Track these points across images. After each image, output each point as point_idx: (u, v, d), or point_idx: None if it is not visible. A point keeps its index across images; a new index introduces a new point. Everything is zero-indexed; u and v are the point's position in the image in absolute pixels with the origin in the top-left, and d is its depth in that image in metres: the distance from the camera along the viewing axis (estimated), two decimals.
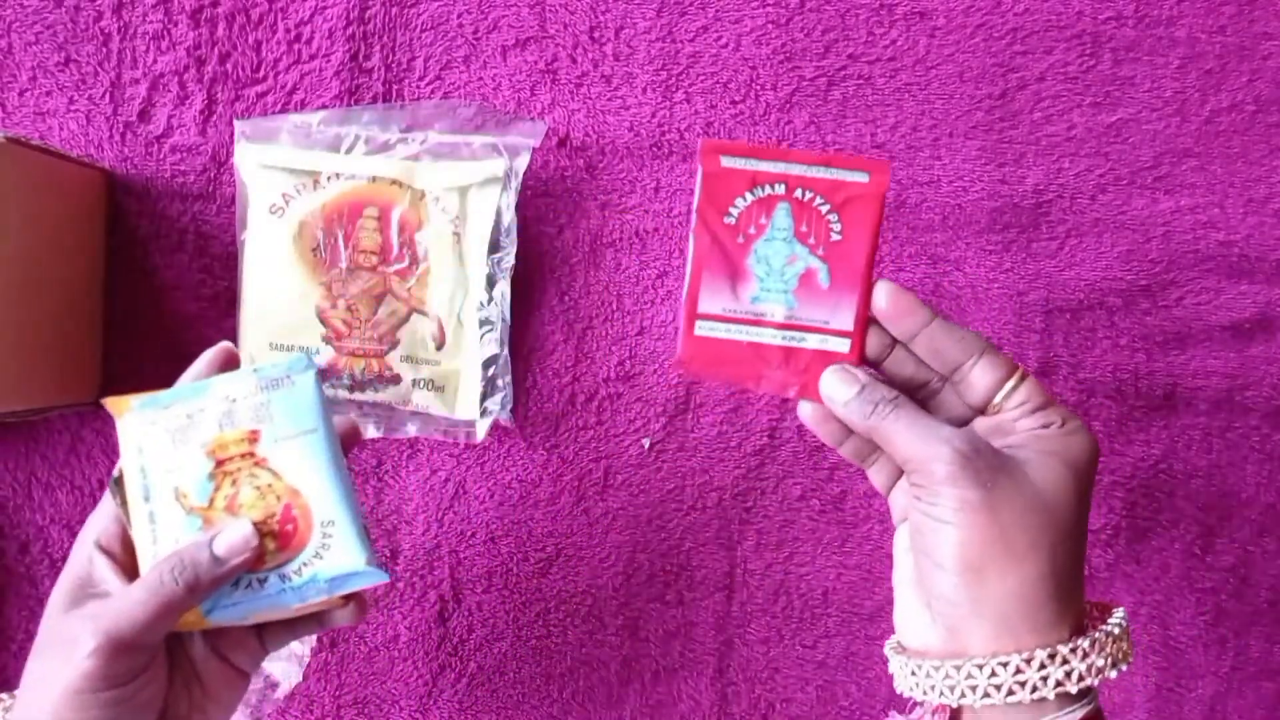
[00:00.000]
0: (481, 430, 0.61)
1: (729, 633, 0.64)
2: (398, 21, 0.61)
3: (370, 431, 0.61)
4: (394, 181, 0.59)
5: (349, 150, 0.60)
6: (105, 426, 0.62)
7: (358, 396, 0.60)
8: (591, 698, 0.64)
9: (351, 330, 0.60)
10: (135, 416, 0.43)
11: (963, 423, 0.44)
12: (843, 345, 0.47)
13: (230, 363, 0.46)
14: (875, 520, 0.64)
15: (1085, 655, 0.39)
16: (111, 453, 0.62)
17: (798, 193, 0.47)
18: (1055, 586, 0.39)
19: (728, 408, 0.63)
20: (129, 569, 0.43)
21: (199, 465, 0.43)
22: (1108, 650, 0.40)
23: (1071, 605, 0.40)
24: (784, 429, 0.63)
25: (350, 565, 0.43)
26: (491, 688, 0.64)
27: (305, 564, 0.43)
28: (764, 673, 0.64)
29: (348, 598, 0.45)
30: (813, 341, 0.47)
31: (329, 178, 0.59)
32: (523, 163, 0.60)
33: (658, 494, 0.63)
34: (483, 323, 0.60)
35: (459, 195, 0.60)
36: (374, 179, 0.59)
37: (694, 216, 0.47)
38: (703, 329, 0.47)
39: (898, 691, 0.43)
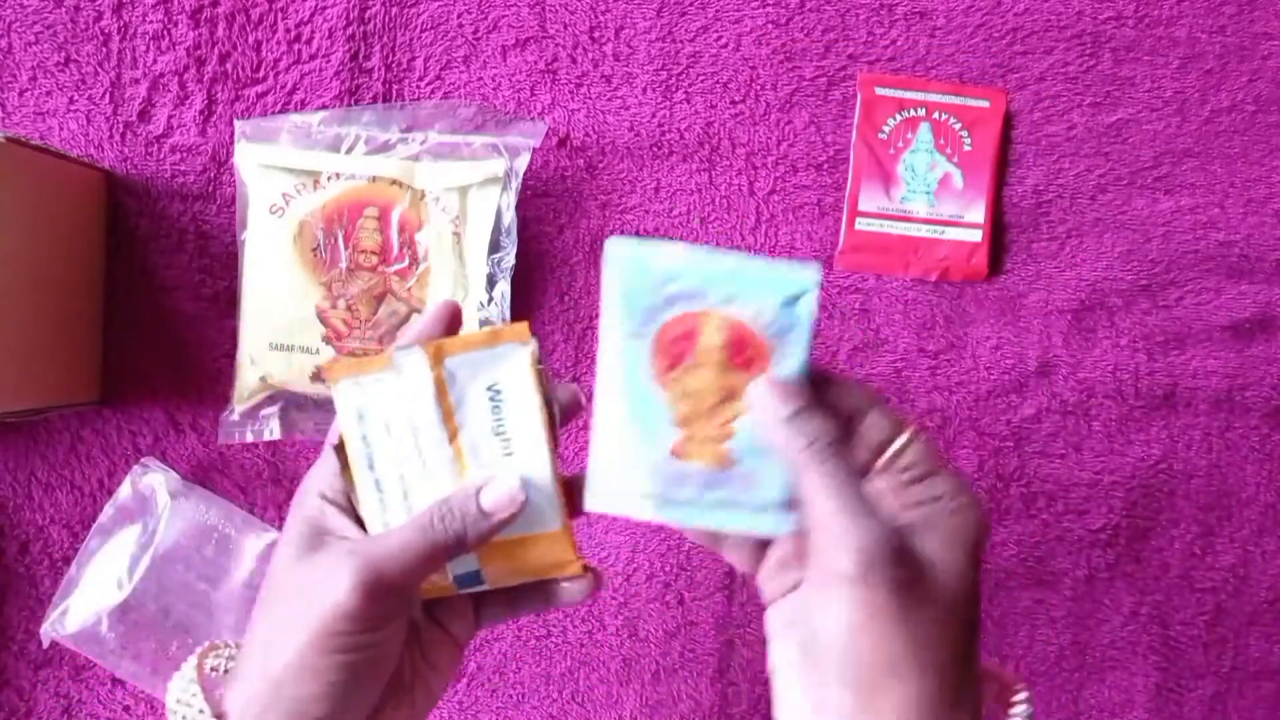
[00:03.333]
0: None
1: (729, 633, 0.64)
2: (398, 21, 0.61)
3: None
4: (394, 181, 0.59)
5: (349, 150, 0.60)
6: (105, 426, 0.62)
7: None
8: (591, 698, 0.64)
9: (351, 330, 0.60)
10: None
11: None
12: (975, 235, 0.61)
13: (455, 319, 0.42)
14: None
15: None
16: (111, 452, 0.62)
17: (936, 114, 0.61)
18: (958, 692, 0.34)
19: None
20: (361, 525, 0.39)
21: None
22: None
23: (969, 704, 0.35)
24: None
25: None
26: (491, 688, 0.64)
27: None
28: (764, 673, 0.64)
29: (585, 569, 0.42)
30: (951, 233, 0.61)
31: (329, 178, 0.59)
32: (523, 163, 0.60)
33: None
34: (483, 323, 0.60)
35: (459, 195, 0.60)
36: (374, 179, 0.59)
37: (854, 133, 0.61)
38: (861, 224, 0.61)
39: None
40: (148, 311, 0.62)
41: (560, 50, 0.62)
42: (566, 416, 0.43)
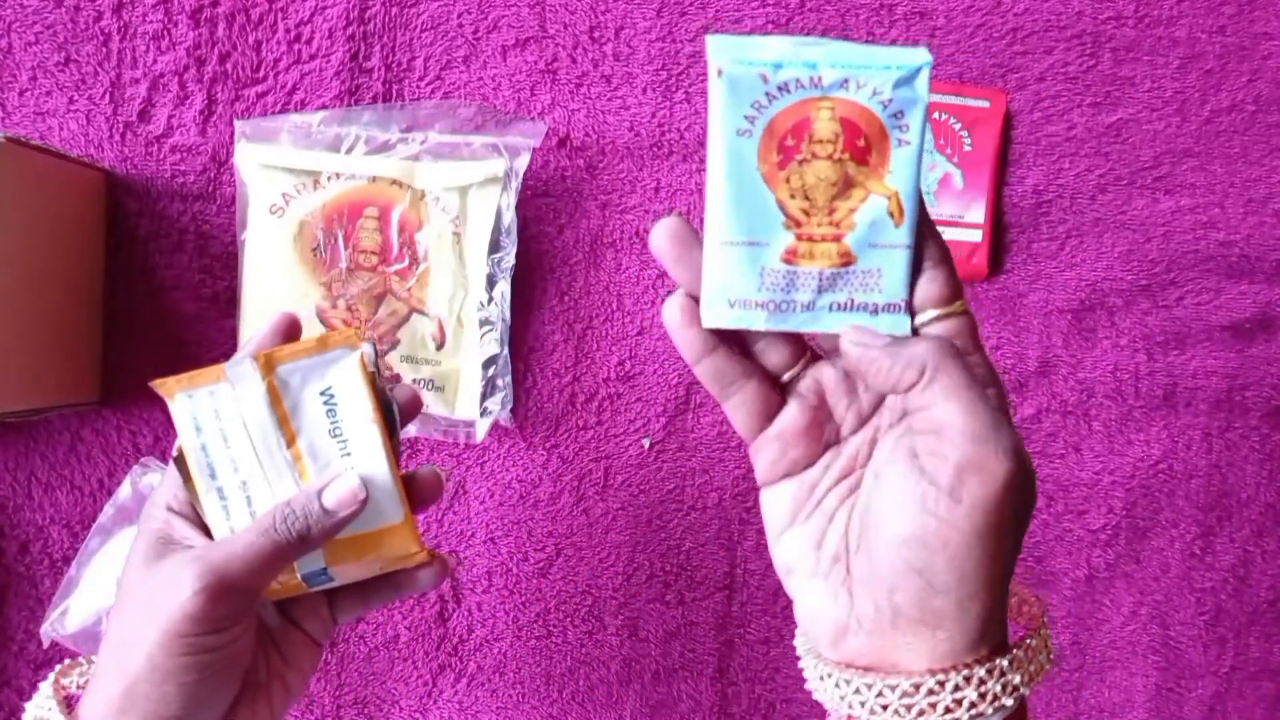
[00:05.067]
0: (481, 430, 0.61)
1: (729, 633, 0.64)
2: (398, 21, 0.61)
3: None
4: (394, 181, 0.59)
5: (349, 150, 0.60)
6: (105, 426, 0.62)
7: None
8: (591, 698, 0.64)
9: None
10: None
11: None
12: (975, 235, 0.60)
13: (293, 329, 0.45)
14: None
15: (1021, 665, 0.33)
16: (111, 452, 0.62)
17: (936, 114, 0.60)
18: (1005, 582, 0.33)
19: None
20: (207, 534, 0.41)
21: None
22: (1033, 664, 0.34)
23: (1003, 605, 0.34)
24: None
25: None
26: (491, 688, 0.64)
27: None
28: (764, 673, 0.64)
29: (431, 556, 0.44)
30: (951, 233, 0.60)
31: (329, 178, 0.59)
32: (523, 163, 0.60)
33: (658, 494, 0.63)
34: (483, 323, 0.60)
35: (459, 195, 0.60)
36: (374, 179, 0.59)
37: None
38: None
39: (813, 694, 0.36)
40: (148, 311, 0.62)
41: (560, 50, 0.62)
42: (406, 416, 0.45)
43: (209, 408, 0.41)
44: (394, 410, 0.43)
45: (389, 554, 0.43)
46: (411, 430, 0.62)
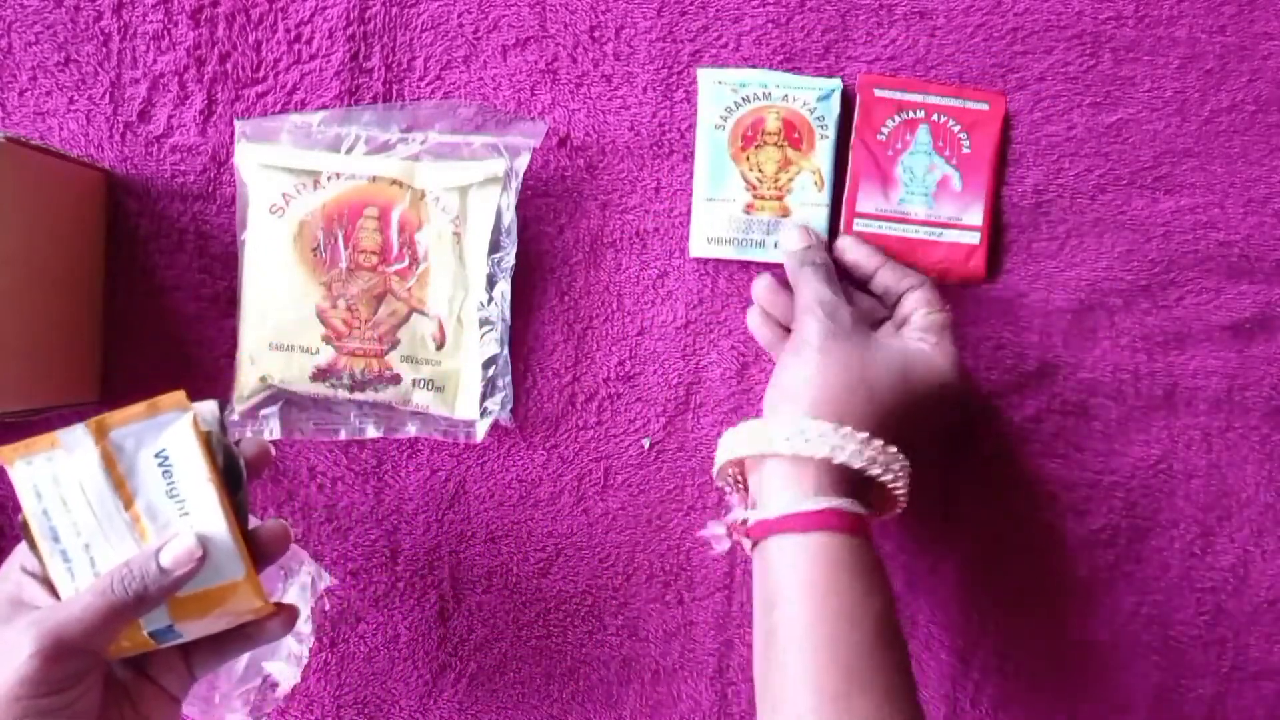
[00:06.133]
0: (481, 430, 0.61)
1: (729, 633, 0.64)
2: (398, 21, 0.61)
3: (370, 431, 0.61)
4: (394, 181, 0.59)
5: (349, 150, 0.60)
6: None
7: (358, 396, 0.60)
8: (591, 698, 0.64)
9: (351, 330, 0.60)
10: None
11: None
12: (974, 237, 0.61)
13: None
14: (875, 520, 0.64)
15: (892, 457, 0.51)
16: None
17: (935, 116, 0.61)
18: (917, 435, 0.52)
19: (728, 408, 0.63)
20: (56, 595, 0.43)
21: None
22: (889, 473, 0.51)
23: (910, 450, 0.52)
24: None
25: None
26: (491, 688, 0.64)
27: None
28: None
29: (278, 608, 0.46)
30: (949, 236, 0.61)
31: (329, 177, 0.59)
32: (523, 163, 0.60)
33: (658, 494, 0.63)
34: (483, 322, 0.60)
35: (459, 195, 0.60)
36: (374, 179, 0.59)
37: (852, 135, 0.61)
38: (859, 226, 0.61)
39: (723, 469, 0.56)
40: (148, 311, 0.62)
41: (560, 50, 0.62)
42: (254, 470, 0.46)
43: (47, 474, 0.42)
44: (239, 466, 0.45)
45: (234, 609, 0.44)
46: (412, 430, 0.62)
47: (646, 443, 0.63)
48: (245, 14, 0.61)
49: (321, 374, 0.59)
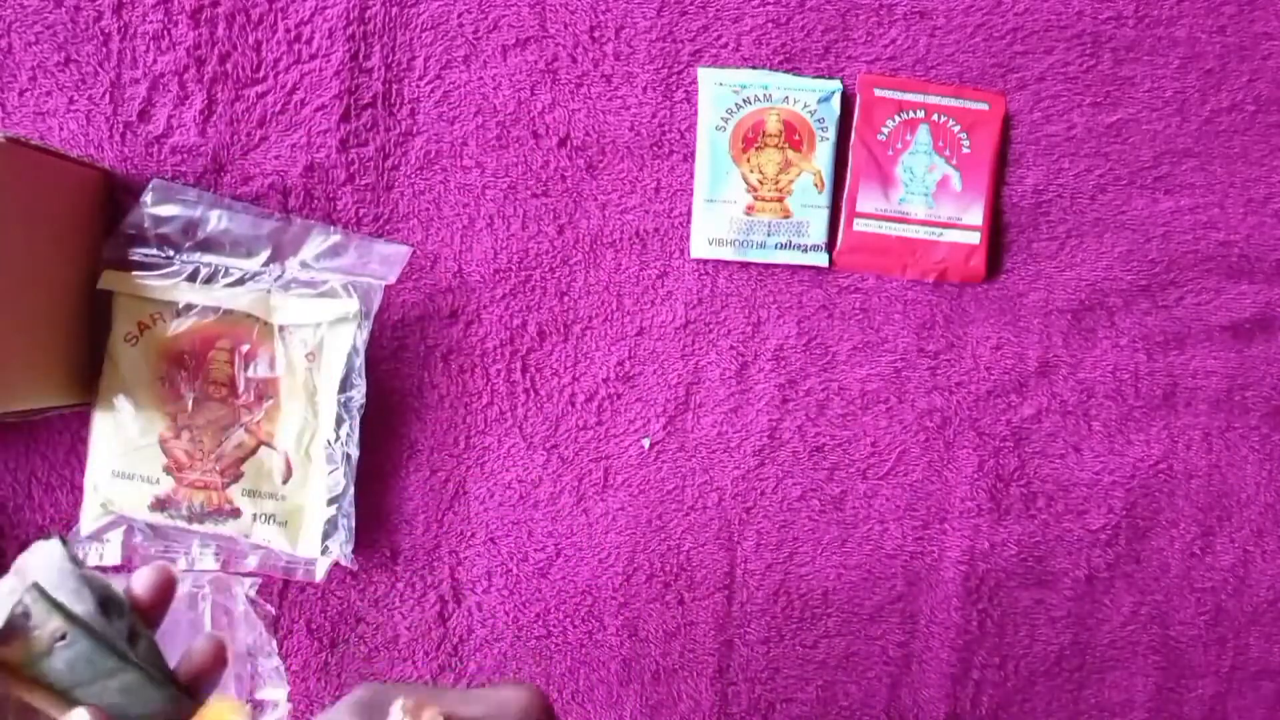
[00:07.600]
0: (321, 569, 0.61)
1: (729, 633, 0.64)
2: (398, 21, 0.61)
3: (209, 563, 0.61)
4: (248, 315, 0.59)
5: (207, 281, 0.59)
6: None
7: (196, 528, 0.60)
8: (591, 698, 0.64)
9: (194, 461, 0.59)
10: None
11: None
12: (974, 237, 0.61)
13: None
14: (875, 520, 0.64)
15: None
16: None
17: (935, 117, 0.61)
18: None
19: (728, 408, 0.63)
20: None
21: None
22: None
23: None
24: (784, 429, 0.63)
25: None
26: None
27: None
28: (764, 673, 0.64)
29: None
30: (949, 235, 0.61)
31: (184, 308, 0.58)
32: (376, 301, 0.60)
33: (658, 494, 0.63)
34: (330, 459, 0.60)
35: (312, 331, 0.59)
36: (229, 312, 0.59)
37: (853, 134, 0.61)
38: (859, 225, 0.61)
39: None
40: None
41: (560, 50, 0.62)
42: (157, 598, 0.38)
43: None
44: (113, 595, 0.36)
45: None
46: (252, 564, 0.61)
47: (646, 443, 0.63)
48: (245, 14, 0.61)
49: (160, 504, 0.59)
